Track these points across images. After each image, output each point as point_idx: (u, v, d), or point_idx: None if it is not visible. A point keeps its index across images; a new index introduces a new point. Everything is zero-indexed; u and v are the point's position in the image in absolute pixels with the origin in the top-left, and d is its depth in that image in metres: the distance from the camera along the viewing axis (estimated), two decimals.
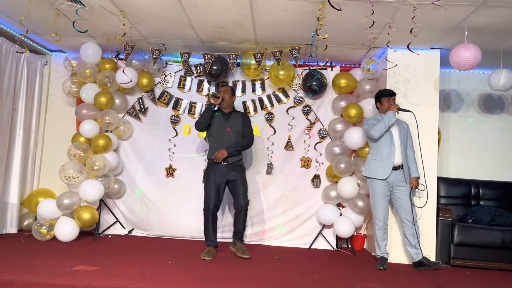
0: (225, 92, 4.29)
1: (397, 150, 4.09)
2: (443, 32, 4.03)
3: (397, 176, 4.08)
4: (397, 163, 4.09)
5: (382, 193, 4.10)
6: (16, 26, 4.42)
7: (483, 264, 4.24)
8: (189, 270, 3.50)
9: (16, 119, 4.86)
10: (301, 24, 4.01)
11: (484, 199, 4.87)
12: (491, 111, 5.25)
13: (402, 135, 4.12)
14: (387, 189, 4.11)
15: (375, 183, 4.13)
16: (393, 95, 4.17)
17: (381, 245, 4.13)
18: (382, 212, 4.11)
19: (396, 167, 4.08)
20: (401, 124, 4.19)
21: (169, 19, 4.07)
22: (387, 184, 4.10)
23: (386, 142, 4.10)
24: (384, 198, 4.11)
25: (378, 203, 4.12)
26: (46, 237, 4.42)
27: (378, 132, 4.06)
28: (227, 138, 4.22)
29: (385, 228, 4.14)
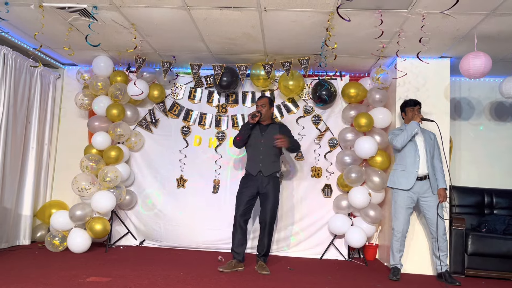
0: (262, 106, 4.22)
1: (422, 160, 4.02)
2: (453, 41, 4.03)
3: (423, 186, 4.02)
4: (422, 174, 4.02)
5: (405, 205, 4.04)
6: (30, 40, 4.51)
7: (498, 274, 4.17)
8: (201, 281, 3.50)
9: (30, 132, 4.94)
10: (310, 34, 4.04)
11: (497, 208, 4.80)
12: (503, 119, 5.20)
13: (428, 145, 4.06)
14: (411, 201, 4.04)
15: (398, 194, 4.08)
16: (418, 105, 4.14)
17: (396, 256, 4.08)
18: (402, 224, 4.04)
19: (421, 178, 4.02)
20: (427, 134, 4.13)
21: (180, 32, 4.12)
22: (411, 195, 4.03)
23: (410, 152, 4.06)
24: (406, 210, 4.04)
25: (399, 214, 4.06)
26: (59, 249, 4.46)
27: (400, 142, 4.04)
28: (262, 150, 4.17)
29: (402, 240, 4.08)
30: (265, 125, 4.27)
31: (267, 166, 4.15)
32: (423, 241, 4.34)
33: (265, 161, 4.15)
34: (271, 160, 4.19)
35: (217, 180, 5.08)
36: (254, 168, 4.17)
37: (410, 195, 4.03)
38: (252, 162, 4.21)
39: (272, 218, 4.14)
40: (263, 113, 4.19)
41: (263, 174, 4.12)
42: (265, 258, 4.14)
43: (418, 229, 4.36)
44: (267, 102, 4.26)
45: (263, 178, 4.12)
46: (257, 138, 4.22)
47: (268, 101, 4.28)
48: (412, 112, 4.12)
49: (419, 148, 4.05)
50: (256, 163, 4.17)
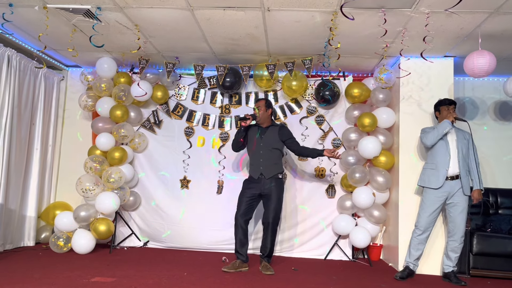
0: (258, 107, 4.21)
1: (453, 160, 3.98)
2: (457, 40, 4.02)
3: (454, 186, 3.97)
4: (453, 173, 3.98)
5: (432, 204, 3.99)
6: (34, 42, 4.53)
7: (504, 274, 4.15)
8: (205, 281, 3.49)
9: (34, 133, 4.96)
10: (313, 34, 4.04)
11: (502, 208, 4.78)
12: (507, 119, 5.18)
13: (461, 144, 4.01)
14: (439, 202, 3.99)
15: (427, 193, 4.05)
16: (453, 104, 4.11)
17: (412, 254, 4.04)
18: (425, 223, 4.01)
19: (451, 177, 3.99)
20: (461, 133, 4.08)
21: (183, 33, 4.13)
22: (440, 195, 3.98)
23: (441, 151, 4.03)
24: (432, 210, 3.99)
25: (424, 212, 4.02)
26: (63, 250, 4.47)
27: (430, 140, 4.03)
28: (262, 153, 4.16)
29: (423, 239, 4.03)
30: (265, 127, 4.24)
31: (268, 169, 4.13)
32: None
33: (266, 164, 4.14)
34: (272, 162, 4.17)
35: (221, 181, 5.07)
36: (256, 171, 4.16)
37: (439, 196, 3.97)
38: (253, 166, 4.20)
39: (275, 218, 4.11)
40: (258, 115, 4.17)
41: (264, 177, 4.11)
42: (268, 259, 4.13)
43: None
44: (263, 104, 4.23)
45: (265, 180, 4.11)
46: (257, 143, 4.20)
47: (265, 103, 4.25)
48: (447, 111, 4.08)
49: (451, 147, 4.01)
50: (257, 166, 4.16)
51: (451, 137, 4.06)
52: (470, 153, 4.04)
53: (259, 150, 4.17)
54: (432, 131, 4.04)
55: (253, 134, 4.24)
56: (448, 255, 4.00)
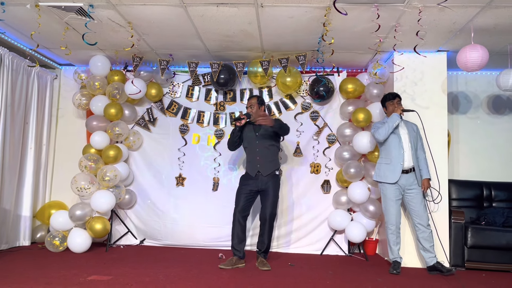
0: (251, 106, 4.22)
1: (407, 153, 4.06)
2: (449, 34, 4.04)
3: (408, 179, 4.05)
4: (407, 166, 4.05)
5: (394, 197, 4.07)
6: (27, 41, 4.50)
7: (498, 266, 4.19)
8: (202, 278, 3.50)
9: (28, 133, 4.93)
10: (307, 30, 4.04)
11: (496, 201, 4.82)
12: (500, 112, 5.22)
13: (412, 137, 4.09)
14: (399, 193, 4.08)
15: (386, 187, 4.11)
16: (397, 97, 4.16)
17: (394, 250, 4.10)
18: (394, 216, 4.08)
19: (406, 170, 4.06)
20: (410, 125, 4.16)
21: (177, 30, 4.12)
22: (398, 187, 4.07)
23: (394, 145, 4.09)
24: (396, 202, 4.08)
25: (390, 207, 4.09)
26: (59, 249, 4.45)
27: (382, 135, 4.07)
28: (258, 151, 4.15)
29: (397, 232, 4.11)
30: (259, 125, 4.20)
31: (265, 166, 4.14)
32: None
33: (262, 161, 4.14)
34: (269, 159, 4.18)
35: (217, 178, 5.08)
36: (253, 169, 4.16)
37: (397, 188, 4.06)
38: (250, 163, 4.21)
39: (272, 215, 4.14)
40: (251, 114, 4.17)
41: (262, 174, 4.12)
42: (265, 255, 4.14)
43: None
44: (255, 102, 4.23)
45: (262, 177, 4.12)
46: (252, 139, 4.21)
47: (257, 101, 4.25)
48: (392, 105, 4.14)
49: (403, 140, 4.07)
50: (254, 164, 4.16)
51: (403, 131, 4.12)
52: (419, 144, 4.12)
53: (256, 148, 4.18)
54: (382, 126, 4.09)
55: (249, 131, 4.24)
56: (424, 247, 4.03)
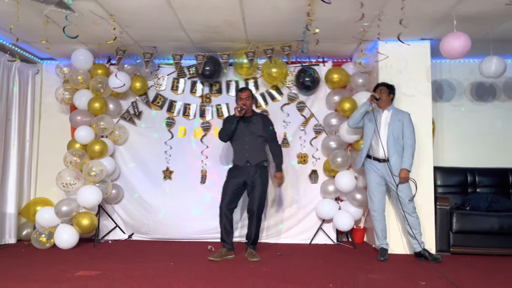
0: (247, 98, 4.20)
1: (383, 142, 4.06)
2: (432, 22, 4.06)
3: (383, 168, 4.08)
4: (381, 156, 4.08)
5: (375, 183, 4.12)
6: (5, 35, 4.40)
7: (482, 250, 4.27)
8: (192, 270, 3.50)
9: (10, 129, 4.84)
10: (291, 20, 4.02)
11: (480, 186, 4.91)
12: (483, 99, 5.29)
13: (393, 126, 4.06)
14: (380, 180, 4.12)
15: (367, 174, 4.20)
16: (381, 86, 4.20)
17: (379, 236, 4.15)
18: (376, 203, 4.13)
19: (381, 159, 4.08)
20: (397, 116, 4.11)
21: (159, 21, 4.06)
22: (376, 175, 4.11)
23: (367, 132, 4.18)
24: (376, 189, 4.12)
25: (371, 194, 4.16)
26: (46, 245, 4.41)
27: (350, 121, 4.29)
28: (247, 141, 4.16)
29: (381, 219, 4.15)
30: (248, 117, 4.24)
31: (254, 156, 4.16)
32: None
33: (251, 152, 4.16)
34: (258, 149, 4.21)
35: (204, 170, 5.06)
36: (241, 159, 4.16)
37: (375, 175, 4.12)
38: (238, 155, 4.21)
39: (260, 207, 4.15)
40: (247, 105, 4.17)
41: (250, 164, 4.13)
42: (254, 246, 4.16)
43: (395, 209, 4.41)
44: (250, 95, 4.26)
45: (250, 168, 4.13)
46: (242, 131, 4.20)
47: (251, 93, 4.31)
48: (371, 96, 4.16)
49: (382, 131, 4.09)
50: (243, 154, 4.17)
51: (385, 121, 4.13)
52: (404, 134, 4.05)
53: (244, 137, 4.18)
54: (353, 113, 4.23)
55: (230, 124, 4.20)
56: (409, 234, 4.08)
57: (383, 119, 4.15)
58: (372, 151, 4.17)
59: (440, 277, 3.37)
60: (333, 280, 3.21)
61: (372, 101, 4.11)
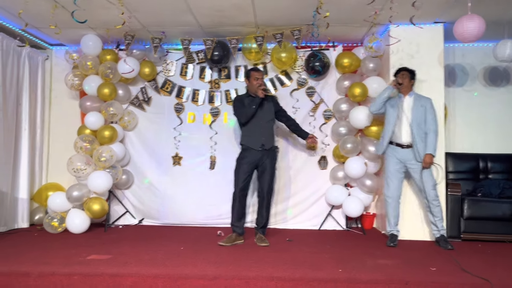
0: (263, 78, 4.22)
1: (404, 128, 4.03)
2: (446, 4, 3.97)
3: (407, 154, 4.03)
4: (404, 142, 4.04)
5: (394, 170, 4.08)
6: (15, 20, 4.40)
7: (494, 237, 4.24)
8: (201, 254, 3.52)
9: (21, 114, 4.88)
10: (301, 4, 3.96)
11: (492, 173, 4.85)
12: (497, 84, 5.19)
13: (416, 112, 4.01)
14: (400, 166, 4.08)
15: (387, 159, 4.15)
16: (401, 71, 4.11)
17: (391, 222, 4.13)
18: (392, 189, 4.10)
19: (405, 145, 4.04)
20: (419, 101, 4.06)
21: (168, 5, 4.03)
22: (396, 162, 4.07)
23: (389, 118, 4.11)
24: (395, 175, 4.08)
25: (389, 179, 4.12)
26: (58, 230, 4.46)
27: (372, 106, 4.20)
28: (262, 124, 4.15)
29: (395, 205, 4.12)
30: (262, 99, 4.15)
31: (268, 140, 4.17)
32: (416, 207, 4.37)
33: (266, 135, 4.16)
34: (270, 133, 4.23)
35: (213, 156, 5.06)
36: (256, 142, 4.12)
37: (395, 161, 4.08)
38: (253, 137, 4.15)
39: (270, 191, 4.18)
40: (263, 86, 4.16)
41: (264, 148, 4.12)
42: (263, 230, 4.17)
43: (411, 195, 4.39)
44: (262, 76, 4.24)
45: (263, 152, 4.12)
46: (257, 114, 4.15)
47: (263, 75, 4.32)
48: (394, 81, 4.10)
49: (403, 115, 4.04)
50: (258, 137, 4.13)
51: (407, 106, 4.07)
52: (427, 119, 4.01)
53: (259, 121, 4.16)
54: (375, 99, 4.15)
55: (252, 105, 4.14)
56: (430, 221, 4.07)
57: (405, 105, 4.08)
58: (394, 137, 4.10)
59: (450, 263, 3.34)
60: (342, 265, 3.21)
61: (395, 86, 4.05)
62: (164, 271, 2.97)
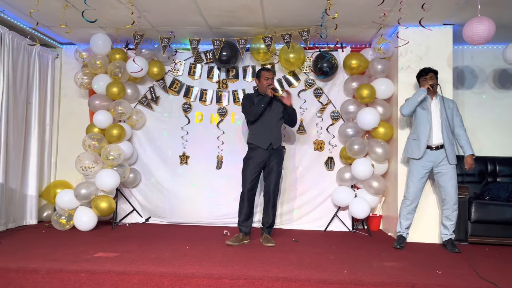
0: (273, 79, 4.25)
1: (435, 129, 4.00)
2: (455, 6, 3.95)
3: (438, 156, 3.99)
4: (436, 143, 4.00)
5: (417, 174, 4.04)
6: (26, 19, 4.45)
7: (501, 240, 4.21)
8: (207, 253, 3.54)
9: (31, 113, 4.93)
10: (310, 5, 3.97)
11: (500, 176, 4.81)
12: (506, 87, 5.15)
13: (446, 113, 3.98)
14: (424, 171, 4.03)
15: (412, 163, 4.11)
16: (430, 73, 4.07)
17: (403, 223, 4.10)
18: (412, 193, 4.06)
19: (436, 147, 4.00)
20: (446, 102, 4.03)
21: (177, 6, 4.05)
22: (425, 165, 4.02)
23: (422, 121, 4.05)
24: (418, 180, 4.04)
25: (411, 182, 4.07)
26: (66, 227, 4.51)
27: (405, 110, 4.09)
28: (271, 124, 4.15)
29: (412, 209, 4.07)
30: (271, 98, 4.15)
31: (276, 139, 4.17)
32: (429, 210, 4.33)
33: (274, 135, 4.16)
34: (278, 133, 4.23)
35: (220, 156, 5.08)
36: (265, 141, 4.12)
37: (423, 165, 4.02)
38: (261, 136, 4.15)
39: (276, 191, 4.18)
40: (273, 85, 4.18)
41: (272, 147, 4.13)
42: (269, 230, 4.18)
43: (425, 198, 4.33)
44: (272, 76, 4.27)
45: (271, 151, 4.13)
46: (267, 113, 4.17)
47: (273, 74, 4.38)
48: (425, 81, 4.06)
49: (433, 116, 4.01)
50: (267, 136, 4.13)
51: (435, 107, 4.05)
52: (456, 121, 4.00)
53: (269, 120, 4.17)
54: (408, 101, 4.07)
55: (261, 104, 4.15)
56: (444, 224, 4.05)
57: (433, 107, 4.06)
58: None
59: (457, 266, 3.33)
60: (348, 266, 3.21)
61: (429, 89, 4.02)
62: (170, 269, 2.99)
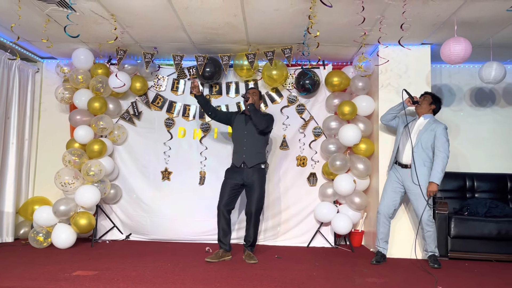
0: (253, 94, 4.25)
1: (407, 148, 4.06)
2: (433, 27, 4.08)
3: (405, 174, 4.07)
4: (404, 162, 4.08)
5: (390, 186, 4.14)
6: (7, 33, 4.40)
7: (480, 255, 4.27)
8: (189, 271, 3.49)
9: (9, 128, 4.83)
10: (292, 23, 4.03)
11: (479, 192, 4.91)
12: (483, 104, 5.30)
13: (424, 135, 4.00)
14: (395, 185, 4.12)
15: (388, 176, 4.23)
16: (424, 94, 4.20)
17: (377, 239, 4.16)
18: (383, 206, 4.12)
19: (404, 165, 4.09)
20: (432, 126, 4.03)
21: (161, 22, 4.07)
22: (396, 179, 4.12)
23: (398, 137, 4.20)
24: (389, 193, 4.12)
25: (384, 193, 4.18)
26: (43, 245, 4.40)
27: (382, 117, 4.38)
28: (245, 142, 4.16)
29: (384, 222, 4.12)
30: (249, 116, 4.19)
31: (250, 158, 4.14)
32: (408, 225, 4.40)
33: (248, 153, 4.14)
34: (256, 151, 4.18)
35: (203, 171, 5.05)
36: (238, 159, 4.16)
37: (395, 179, 4.13)
38: (236, 154, 4.20)
39: (258, 209, 4.14)
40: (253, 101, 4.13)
41: (246, 166, 4.12)
42: (252, 248, 4.15)
43: (401, 213, 4.41)
44: (257, 93, 4.36)
45: (247, 170, 4.12)
46: (241, 129, 4.20)
47: (259, 93, 4.44)
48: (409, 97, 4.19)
49: (412, 137, 4.06)
50: (240, 154, 4.16)
51: (417, 127, 4.12)
52: (436, 145, 3.97)
53: (244, 138, 4.17)
54: None
55: (239, 122, 4.23)
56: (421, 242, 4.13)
57: (416, 125, 4.13)
58: (398, 155, 4.17)
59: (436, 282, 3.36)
60: (330, 282, 3.20)
61: (408, 103, 4.12)
62: None
